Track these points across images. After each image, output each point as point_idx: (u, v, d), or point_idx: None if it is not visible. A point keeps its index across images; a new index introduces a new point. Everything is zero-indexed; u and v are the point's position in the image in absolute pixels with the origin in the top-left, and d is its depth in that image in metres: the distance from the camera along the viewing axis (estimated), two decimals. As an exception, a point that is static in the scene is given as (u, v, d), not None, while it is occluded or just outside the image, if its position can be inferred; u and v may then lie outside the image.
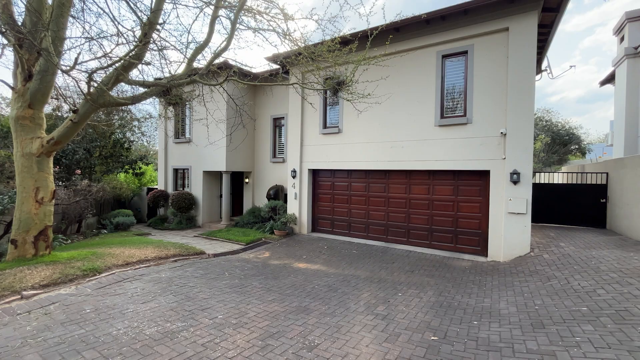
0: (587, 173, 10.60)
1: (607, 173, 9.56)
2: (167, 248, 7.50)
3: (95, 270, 5.38)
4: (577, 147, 25.56)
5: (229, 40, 5.69)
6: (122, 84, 6.61)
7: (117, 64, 4.69)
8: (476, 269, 7.02)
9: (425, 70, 8.62)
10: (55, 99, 6.18)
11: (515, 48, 7.38)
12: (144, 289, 5.05)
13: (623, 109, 12.66)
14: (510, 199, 7.42)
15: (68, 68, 4.23)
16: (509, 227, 7.45)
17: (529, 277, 5.86)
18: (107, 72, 5.37)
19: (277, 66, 10.84)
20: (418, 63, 8.70)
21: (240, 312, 4.29)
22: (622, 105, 12.75)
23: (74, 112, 5.30)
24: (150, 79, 6.75)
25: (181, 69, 6.37)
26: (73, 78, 4.31)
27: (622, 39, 13.20)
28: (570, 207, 9.95)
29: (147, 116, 13.22)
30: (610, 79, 15.28)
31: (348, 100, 6.24)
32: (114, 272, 5.57)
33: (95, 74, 4.65)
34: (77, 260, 5.65)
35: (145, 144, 20.57)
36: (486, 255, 7.94)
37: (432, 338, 3.66)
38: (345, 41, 6.78)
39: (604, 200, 9.48)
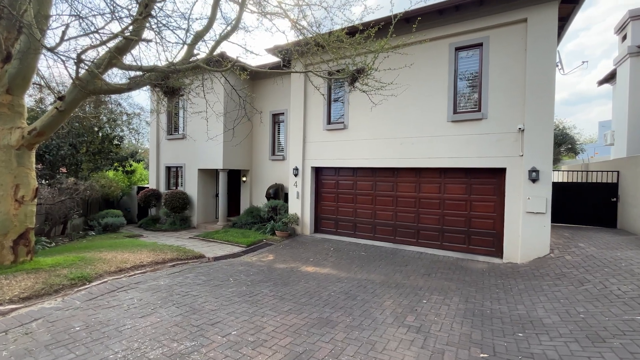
0: (593, 172, 10.42)
1: (618, 171, 9.37)
2: (164, 251, 6.88)
3: (85, 278, 4.75)
4: (570, 147, 25.85)
5: (236, 23, 5.13)
6: (113, 77, 5.96)
7: (111, 42, 4.09)
8: (495, 272, 6.66)
9: (437, 63, 8.23)
10: (37, 84, 5.48)
11: (534, 40, 7.05)
12: (141, 299, 4.46)
13: (625, 107, 12.58)
14: (528, 198, 7.08)
15: (53, 46, 3.61)
16: (527, 227, 7.12)
17: (557, 281, 5.51)
18: (99, 54, 4.74)
19: (278, 59, 10.31)
20: (429, 55, 8.30)
21: (256, 327, 3.76)
22: (625, 104, 12.68)
23: (60, 99, 4.66)
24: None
25: (180, 56, 5.79)
26: (59, 57, 3.70)
27: (624, 38, 13.14)
28: (579, 206, 9.74)
29: (139, 110, 12.45)
30: (610, 78, 15.28)
31: (364, 91, 5.77)
32: (106, 280, 4.95)
33: (85, 54, 4.03)
34: (63, 267, 5.00)
35: (134, 141, 19.62)
36: (501, 257, 7.60)
37: (482, 355, 3.23)
38: (356, 31, 6.33)
39: (615, 199, 9.29)
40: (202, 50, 6.03)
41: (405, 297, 5.17)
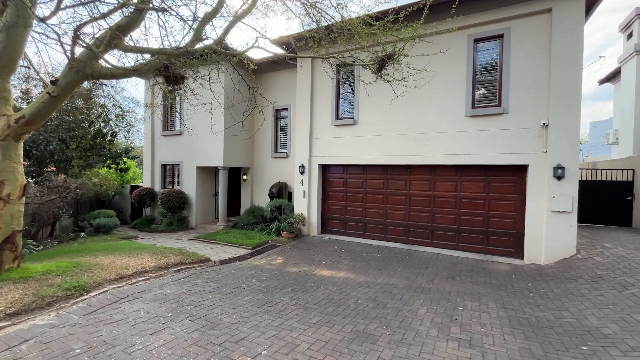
0: (603, 170, 10.24)
1: (633, 169, 9.19)
2: (166, 255, 6.30)
3: (82, 287, 4.16)
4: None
5: (253, 1, 4.62)
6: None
7: (112, 19, 3.53)
8: (520, 274, 6.32)
9: (454, 56, 7.85)
10: (25, 67, 4.81)
11: (560, 30, 6.73)
12: (148, 311, 3.91)
13: (632, 106, 12.49)
14: (553, 196, 6.76)
15: (47, 15, 3.04)
16: (552, 227, 6.80)
17: (595, 284, 5.18)
18: (96, 35, 4.16)
19: (283, 52, 9.83)
20: (446, 47, 7.90)
21: (287, 344, 3.26)
22: (631, 102, 12.59)
23: (53, 83, 4.06)
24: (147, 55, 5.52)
25: (185, 42, 5.23)
26: (53, 30, 3.13)
27: (629, 36, 13.06)
28: (592, 205, 9.52)
29: (134, 104, 11.72)
30: (612, 77, 15.25)
31: (388, 81, 5.32)
32: (106, 289, 4.37)
33: (83, 30, 3.46)
34: (55, 275, 4.39)
35: (124, 139, 18.71)
36: (522, 258, 7.28)
37: (556, 376, 2.82)
38: (377, 17, 5.89)
39: (630, 197, 9.09)
40: (210, 37, 5.49)
41: (438, 303, 4.75)
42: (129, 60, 5.56)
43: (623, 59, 13.24)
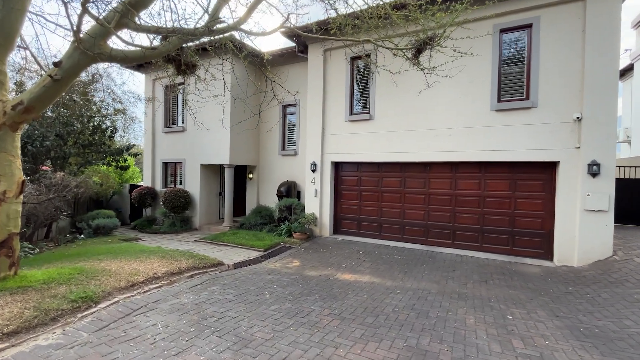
0: (621, 167, 9.94)
1: (658, 167, 8.88)
2: (176, 259, 5.79)
3: (90, 298, 3.64)
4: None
5: (279, -23, 4.14)
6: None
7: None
8: (555, 277, 5.94)
9: (478, 47, 7.42)
10: (22, 48, 4.26)
11: (595, 18, 6.35)
12: (167, 325, 3.41)
13: (647, 103, 12.26)
14: (588, 194, 6.39)
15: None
16: (586, 227, 6.43)
17: (647, 289, 4.80)
18: (105, 8, 3.65)
19: (293, 43, 9.40)
20: (470, 38, 7.49)
21: (337, 365, 2.80)
22: (645, 99, 12.37)
23: (56, 65, 3.55)
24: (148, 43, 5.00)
25: (202, 23, 4.74)
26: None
27: (643, 32, 12.84)
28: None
29: (136, 98, 11.13)
30: (622, 74, 15.04)
31: (421, 69, 4.90)
32: (116, 299, 3.85)
33: (91, 3, 2.95)
34: (58, 284, 3.86)
35: (119, 138, 18.01)
36: (551, 259, 6.91)
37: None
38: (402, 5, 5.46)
39: (655, 196, 8.78)
40: (226, 22, 5.01)
41: (482, 311, 4.34)
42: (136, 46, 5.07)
43: (636, 56, 13.01)
